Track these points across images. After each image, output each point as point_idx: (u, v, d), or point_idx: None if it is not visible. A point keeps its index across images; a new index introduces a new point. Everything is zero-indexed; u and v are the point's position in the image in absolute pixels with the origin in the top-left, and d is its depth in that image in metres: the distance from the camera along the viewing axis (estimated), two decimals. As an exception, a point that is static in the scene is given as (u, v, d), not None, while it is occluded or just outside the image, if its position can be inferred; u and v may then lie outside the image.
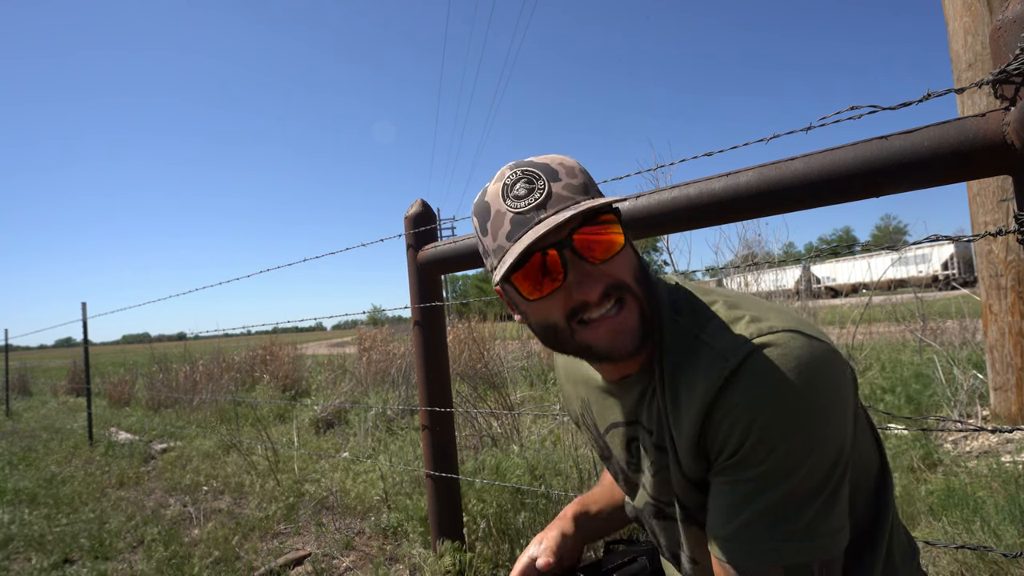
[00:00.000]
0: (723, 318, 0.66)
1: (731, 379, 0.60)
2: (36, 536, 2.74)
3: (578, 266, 0.63)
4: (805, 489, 0.58)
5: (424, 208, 2.01)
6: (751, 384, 0.59)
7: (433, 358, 1.98)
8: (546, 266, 0.63)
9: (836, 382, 0.60)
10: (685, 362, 0.66)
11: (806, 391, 0.57)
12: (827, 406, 0.59)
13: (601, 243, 0.63)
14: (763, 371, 0.58)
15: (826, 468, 0.59)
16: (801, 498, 0.58)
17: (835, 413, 0.59)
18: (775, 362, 0.58)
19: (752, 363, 0.59)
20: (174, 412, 6.43)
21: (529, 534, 2.01)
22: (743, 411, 0.59)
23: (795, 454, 0.57)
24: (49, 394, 10.53)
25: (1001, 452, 2.62)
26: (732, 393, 0.60)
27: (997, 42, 0.90)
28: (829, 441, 0.59)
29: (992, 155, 0.88)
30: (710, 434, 0.63)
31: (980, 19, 2.69)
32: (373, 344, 6.93)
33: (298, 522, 2.68)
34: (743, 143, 1.23)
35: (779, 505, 0.58)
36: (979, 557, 1.63)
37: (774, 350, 0.59)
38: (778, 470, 0.58)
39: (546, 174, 0.65)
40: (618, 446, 0.82)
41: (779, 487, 0.58)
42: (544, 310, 0.66)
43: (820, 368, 0.59)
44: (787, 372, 0.58)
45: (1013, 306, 2.73)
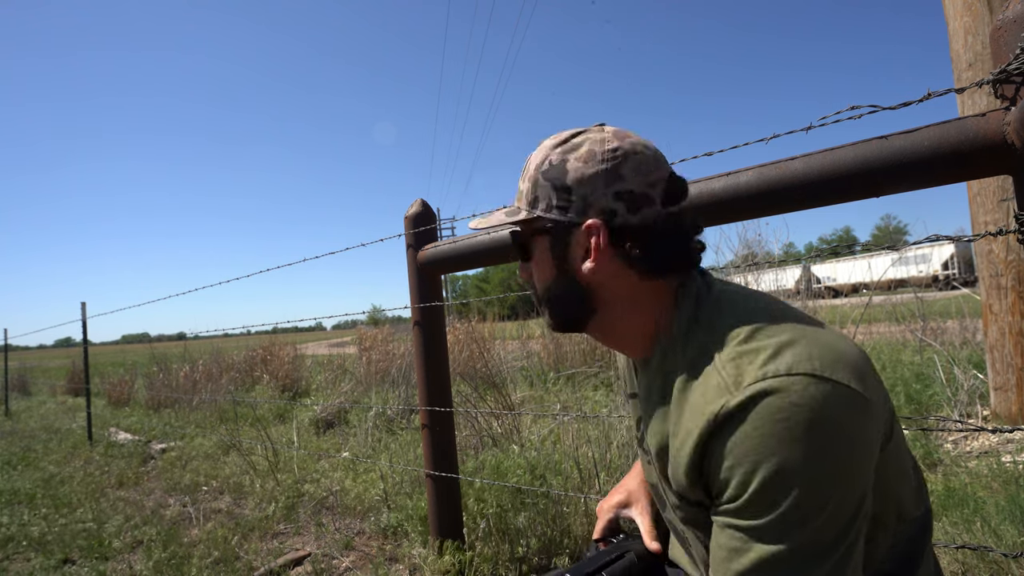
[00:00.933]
0: (740, 341, 0.60)
1: (731, 418, 0.56)
2: (35, 536, 2.74)
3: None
4: (813, 547, 0.53)
5: (424, 208, 2.01)
6: (751, 429, 0.54)
7: (433, 358, 1.98)
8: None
9: (853, 436, 0.54)
10: (692, 383, 0.63)
11: (815, 446, 0.52)
12: (839, 463, 0.53)
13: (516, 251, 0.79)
14: (765, 418, 0.54)
15: (838, 528, 0.54)
16: (808, 556, 0.53)
17: (849, 469, 0.54)
18: (786, 415, 0.53)
19: (756, 406, 0.54)
20: (174, 412, 6.43)
21: (529, 534, 2.01)
22: (742, 454, 0.55)
23: (804, 508, 0.53)
24: (48, 394, 10.52)
25: (1001, 452, 2.62)
26: (729, 433, 0.56)
27: (997, 42, 0.90)
28: (845, 499, 0.54)
29: (992, 155, 0.88)
30: (709, 465, 0.59)
31: (980, 19, 2.69)
32: (373, 344, 6.93)
33: (298, 522, 2.68)
34: (743, 143, 1.23)
35: (782, 561, 0.54)
36: (979, 557, 1.63)
37: (785, 396, 0.54)
38: (786, 521, 0.53)
39: (524, 169, 0.75)
40: (632, 418, 0.84)
41: (783, 540, 0.54)
42: None
43: (835, 421, 0.53)
44: (793, 423, 0.53)
45: (1013, 306, 2.73)
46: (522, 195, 0.73)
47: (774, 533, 0.54)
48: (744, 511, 0.55)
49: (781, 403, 0.53)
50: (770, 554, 0.54)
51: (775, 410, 0.53)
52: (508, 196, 35.56)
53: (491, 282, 43.90)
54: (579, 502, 2.16)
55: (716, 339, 0.62)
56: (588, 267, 0.69)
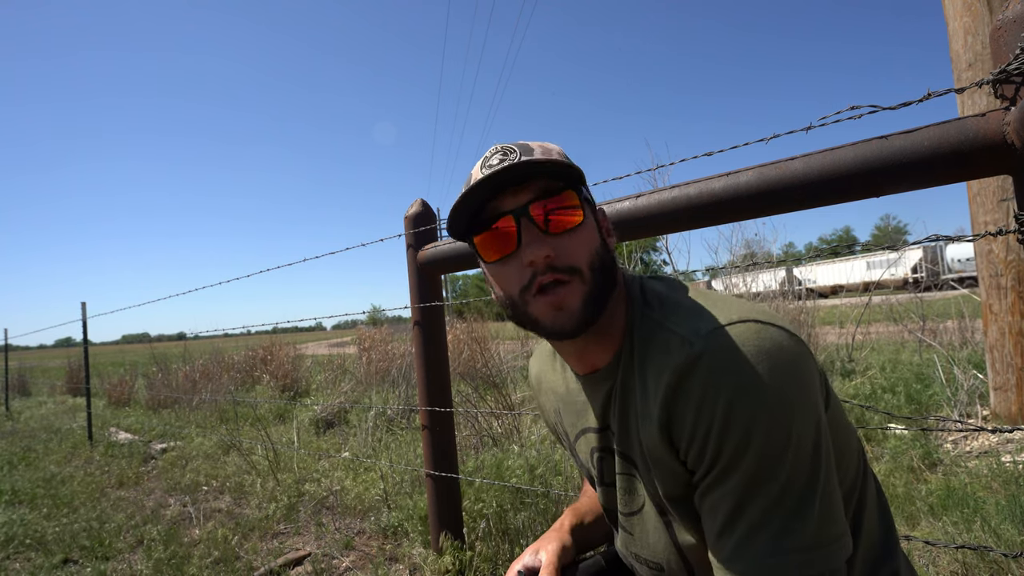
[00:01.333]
0: (693, 308, 0.66)
1: (695, 363, 0.59)
2: (36, 536, 2.74)
3: (531, 232, 0.65)
4: (798, 485, 0.56)
5: (424, 208, 2.01)
6: (715, 367, 0.58)
7: (433, 358, 1.98)
8: (504, 232, 0.67)
9: (801, 366, 0.60)
10: (651, 351, 0.66)
11: (773, 374, 0.57)
12: (796, 388, 0.58)
13: (558, 217, 0.66)
14: (727, 355, 0.58)
15: (809, 453, 0.57)
16: (797, 498, 0.56)
17: (804, 394, 0.59)
18: (739, 346, 0.58)
19: (715, 347, 0.59)
20: (174, 412, 6.43)
21: (529, 534, 2.01)
22: (709, 394, 0.58)
23: (773, 440, 0.56)
24: (48, 394, 10.52)
25: (1001, 452, 2.62)
26: (696, 377, 0.59)
27: (997, 42, 0.90)
28: (803, 421, 0.58)
29: (992, 155, 0.88)
30: (677, 422, 0.62)
31: (980, 19, 2.69)
32: (373, 344, 6.93)
33: (298, 522, 2.68)
34: (743, 143, 1.23)
35: (777, 511, 0.56)
36: (979, 557, 1.63)
37: (738, 335, 0.59)
38: (762, 464, 0.56)
39: (522, 150, 0.68)
40: (586, 454, 0.82)
41: (769, 486, 0.56)
42: (502, 278, 0.69)
43: (785, 353, 0.59)
44: (751, 356, 0.58)
45: (1013, 306, 2.73)
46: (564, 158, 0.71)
47: (760, 473, 0.57)
48: (723, 461, 0.58)
49: (737, 339, 0.59)
50: (765, 504, 0.57)
51: (733, 346, 0.59)
52: None
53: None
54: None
55: (664, 311, 0.68)
56: (611, 242, 0.73)
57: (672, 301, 0.69)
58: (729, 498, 0.58)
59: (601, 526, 0.97)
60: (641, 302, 0.71)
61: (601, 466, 0.79)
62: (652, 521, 0.74)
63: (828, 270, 25.85)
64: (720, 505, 0.59)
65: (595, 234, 0.69)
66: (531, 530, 2.02)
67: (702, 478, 0.62)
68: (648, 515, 0.74)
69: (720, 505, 0.59)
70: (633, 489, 0.75)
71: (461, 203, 0.67)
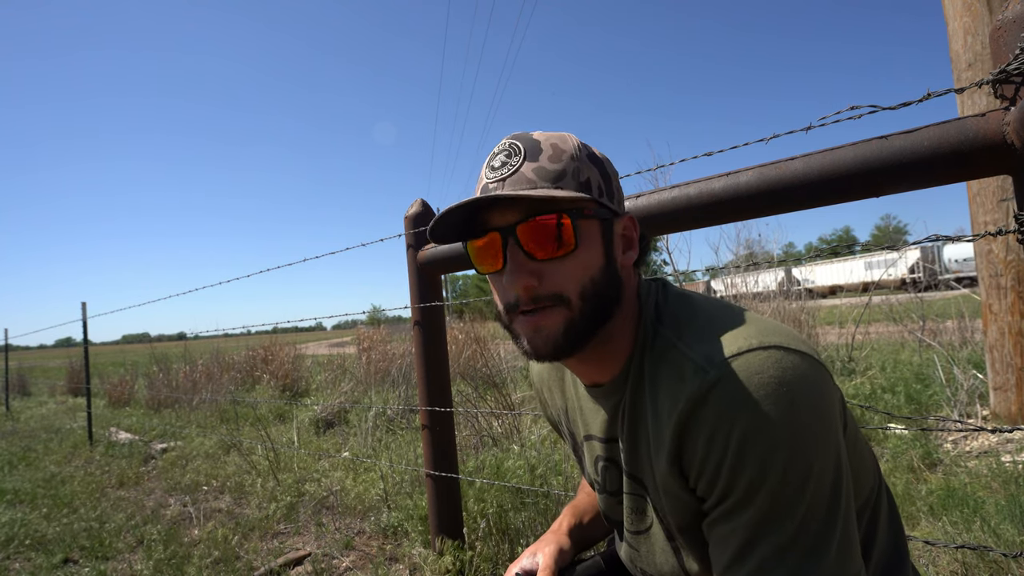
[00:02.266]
0: (708, 329, 0.62)
1: (710, 392, 0.56)
2: (36, 536, 2.74)
3: (516, 257, 0.62)
4: (814, 524, 0.54)
5: (424, 208, 2.01)
6: (729, 400, 0.55)
7: (433, 358, 1.98)
8: (492, 249, 0.64)
9: (822, 396, 0.57)
10: (663, 373, 0.63)
11: (791, 408, 0.54)
12: (816, 422, 0.55)
13: (546, 241, 0.61)
14: (742, 386, 0.55)
15: (827, 490, 0.55)
16: (813, 537, 0.54)
17: (825, 429, 0.56)
18: (756, 377, 0.55)
19: (730, 377, 0.56)
20: (174, 412, 6.43)
21: (529, 534, 2.01)
22: (723, 426, 0.55)
23: (790, 478, 0.53)
24: (48, 394, 10.52)
25: (1001, 452, 2.62)
26: (711, 407, 0.56)
27: (997, 42, 0.90)
28: (823, 457, 0.55)
29: (992, 155, 0.88)
30: (688, 451, 0.59)
31: (980, 19, 2.69)
32: (372, 344, 6.93)
33: (298, 522, 2.68)
34: (743, 143, 1.23)
35: (793, 549, 0.53)
36: (979, 557, 1.63)
37: (757, 364, 0.56)
38: (777, 501, 0.54)
39: (528, 150, 0.63)
40: (590, 459, 0.81)
41: (785, 524, 0.53)
42: (495, 289, 0.68)
43: (806, 384, 0.56)
44: (769, 388, 0.54)
45: (1013, 306, 2.73)
46: (561, 175, 0.62)
47: (773, 516, 0.54)
48: (738, 499, 0.56)
49: (755, 368, 0.56)
50: (777, 546, 0.54)
51: (751, 376, 0.55)
52: None
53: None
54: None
55: (679, 331, 0.64)
56: (627, 259, 0.68)
57: (687, 318, 0.65)
58: (741, 532, 0.56)
59: (599, 525, 0.96)
60: (654, 317, 0.68)
61: (605, 476, 0.78)
62: (660, 543, 0.72)
63: (826, 270, 25.99)
64: (731, 539, 0.57)
65: (594, 256, 0.64)
66: (531, 530, 2.02)
67: (712, 508, 0.59)
68: (656, 536, 0.72)
69: (731, 539, 0.57)
70: (641, 509, 0.72)
71: (446, 215, 0.62)
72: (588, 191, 0.63)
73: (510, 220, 0.62)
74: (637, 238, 0.69)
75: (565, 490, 2.21)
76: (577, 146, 0.65)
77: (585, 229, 0.63)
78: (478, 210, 0.65)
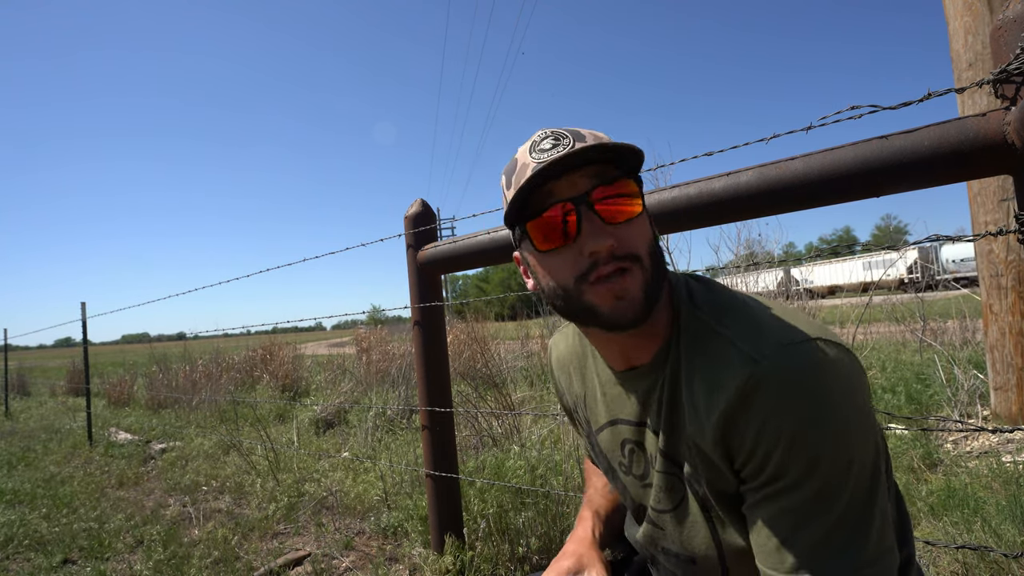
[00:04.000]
0: (749, 318, 0.64)
1: (762, 383, 0.58)
2: (35, 536, 2.74)
3: (592, 222, 0.63)
4: (858, 504, 0.57)
5: (424, 208, 2.01)
6: (782, 390, 0.57)
7: (433, 358, 1.98)
8: (562, 220, 0.64)
9: (863, 387, 0.60)
10: (706, 357, 0.64)
11: (839, 398, 0.57)
12: (860, 411, 0.58)
13: (619, 206, 0.64)
14: (794, 378, 0.57)
15: (869, 473, 0.58)
16: (858, 516, 0.57)
17: (867, 416, 0.59)
18: (807, 367, 0.57)
19: (782, 367, 0.58)
20: (173, 412, 6.43)
21: (529, 534, 2.01)
22: (775, 418, 0.57)
23: (838, 464, 0.56)
24: (48, 394, 10.52)
25: (1002, 452, 2.62)
26: (762, 398, 0.58)
27: (997, 41, 0.90)
28: (865, 443, 0.58)
29: (992, 155, 0.88)
30: (736, 438, 0.61)
31: (981, 18, 2.69)
32: (372, 344, 6.93)
33: (298, 522, 2.68)
34: (743, 143, 1.23)
35: (839, 529, 0.56)
36: (980, 557, 1.63)
37: (806, 357, 0.58)
38: (826, 486, 0.56)
39: (575, 136, 0.65)
40: (612, 444, 0.80)
41: (832, 505, 0.56)
42: (555, 268, 0.66)
43: (849, 375, 0.59)
44: (819, 377, 0.57)
45: (1014, 306, 2.73)
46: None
47: (821, 500, 0.57)
48: (785, 478, 0.58)
49: (805, 361, 0.58)
50: (830, 522, 0.56)
51: (802, 368, 0.58)
52: None
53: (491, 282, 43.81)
54: (579, 502, 2.16)
55: (718, 317, 0.66)
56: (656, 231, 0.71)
57: (725, 304, 0.67)
58: (790, 515, 0.58)
59: (616, 521, 0.96)
60: (688, 302, 0.69)
61: (631, 458, 0.78)
62: (693, 519, 0.72)
63: (826, 270, 26.02)
64: (777, 522, 0.59)
65: (648, 221, 0.68)
66: (531, 530, 2.02)
67: (757, 490, 0.61)
68: (688, 512, 0.72)
69: (777, 522, 0.59)
70: (673, 487, 0.73)
71: (527, 185, 0.63)
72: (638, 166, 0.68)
73: (581, 188, 0.63)
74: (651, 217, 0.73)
75: (565, 490, 2.21)
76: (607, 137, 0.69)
77: (643, 197, 0.68)
78: (535, 188, 0.66)
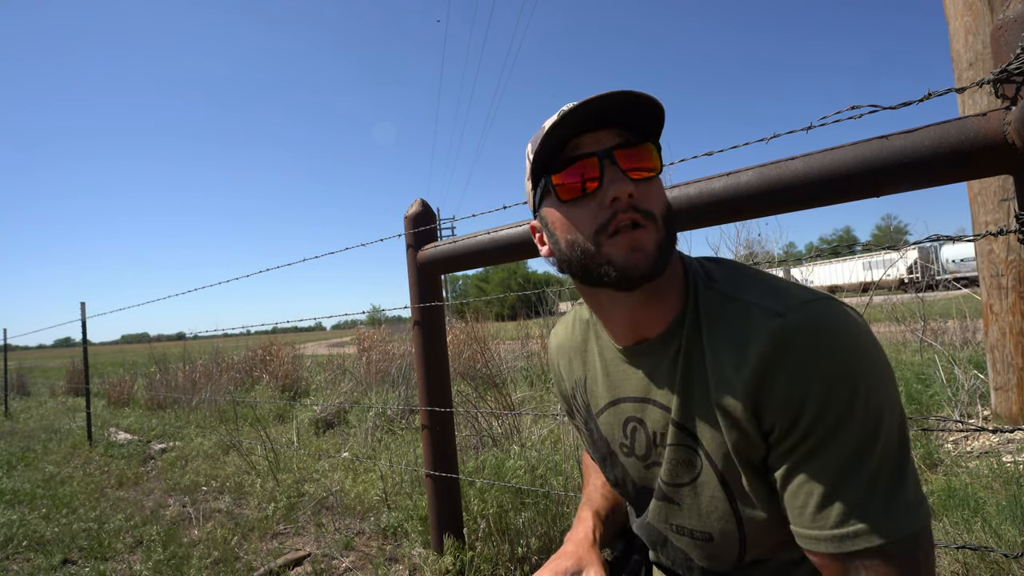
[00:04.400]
0: (765, 283, 0.66)
1: (794, 333, 0.59)
2: (35, 536, 2.74)
3: (615, 173, 0.66)
4: (894, 451, 0.58)
5: (424, 208, 2.01)
6: (815, 340, 0.58)
7: (433, 358, 1.98)
8: (586, 172, 0.66)
9: (877, 342, 0.62)
10: (724, 322, 0.65)
11: (866, 347, 0.59)
12: (884, 360, 0.60)
13: (640, 163, 0.67)
14: (824, 328, 0.59)
15: (898, 424, 0.59)
16: (896, 462, 0.58)
17: (889, 367, 0.61)
18: (833, 321, 0.59)
19: (812, 320, 0.59)
20: (173, 412, 6.43)
21: (529, 534, 2.01)
22: (809, 366, 0.58)
23: (873, 412, 0.57)
24: (48, 394, 10.52)
25: (1002, 452, 2.62)
26: (796, 347, 0.59)
27: (998, 41, 0.90)
28: (893, 392, 0.60)
29: (993, 155, 0.88)
30: (769, 392, 0.61)
31: (981, 18, 2.69)
32: (372, 344, 6.93)
33: (298, 522, 2.68)
34: (743, 143, 1.23)
35: (881, 476, 0.57)
36: (980, 557, 1.63)
37: (830, 310, 0.60)
38: (865, 434, 0.57)
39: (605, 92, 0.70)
40: (613, 425, 0.80)
41: (873, 455, 0.57)
42: (576, 219, 0.68)
43: (866, 329, 0.61)
44: (846, 330, 0.59)
45: (1014, 306, 2.73)
46: None
47: (860, 452, 0.57)
48: (824, 436, 0.58)
49: (831, 315, 0.60)
50: (867, 479, 0.57)
51: (831, 320, 0.59)
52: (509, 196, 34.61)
53: (491, 282, 43.82)
54: (579, 502, 2.15)
55: (735, 286, 0.67)
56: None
57: (742, 277, 0.69)
58: (830, 469, 0.58)
59: (613, 524, 0.94)
60: (702, 274, 0.71)
61: (633, 437, 0.78)
62: (710, 491, 0.71)
63: (826, 270, 26.05)
64: (819, 477, 0.59)
65: (660, 183, 0.70)
66: (531, 530, 2.02)
67: (792, 449, 0.60)
68: (705, 486, 0.71)
69: (819, 477, 0.59)
70: (687, 460, 0.72)
71: (553, 130, 0.65)
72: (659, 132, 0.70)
73: (604, 144, 0.66)
74: None
75: (565, 490, 2.21)
76: None
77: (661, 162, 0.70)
78: (562, 143, 0.68)
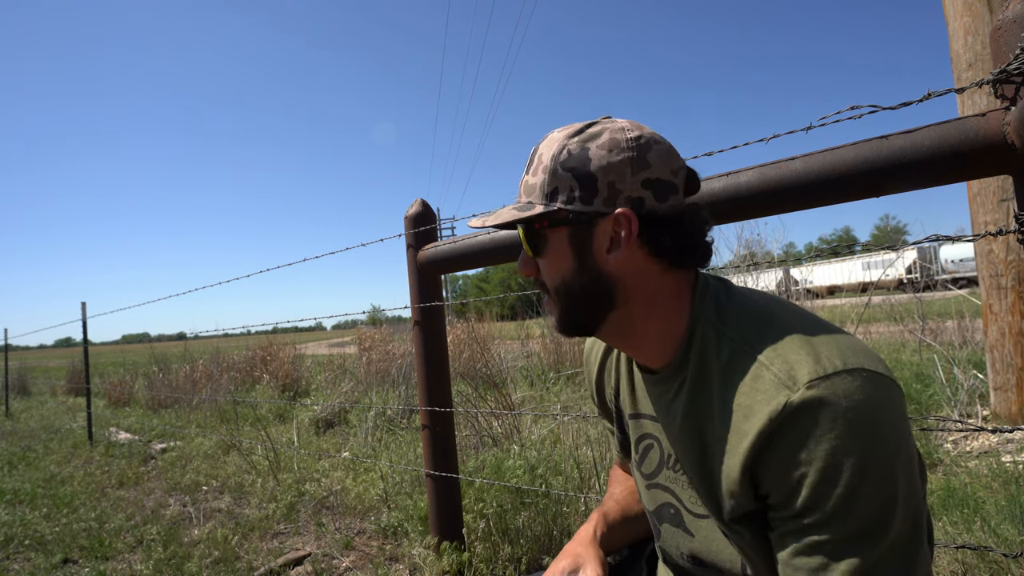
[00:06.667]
0: (779, 338, 0.60)
1: (796, 413, 0.55)
2: (36, 536, 2.74)
3: (524, 252, 0.75)
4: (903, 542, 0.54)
5: (424, 208, 2.01)
6: (819, 422, 0.54)
7: (433, 358, 1.98)
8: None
9: (903, 420, 0.57)
10: (734, 379, 0.62)
11: (879, 431, 0.54)
12: (900, 444, 0.55)
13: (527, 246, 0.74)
14: (832, 410, 0.54)
15: (912, 518, 0.55)
16: (904, 553, 0.54)
17: (907, 449, 0.56)
18: (845, 400, 0.54)
19: (820, 400, 0.54)
20: (174, 412, 6.43)
21: (529, 534, 2.01)
22: (809, 447, 0.54)
23: (877, 502, 0.54)
24: (48, 394, 10.52)
25: (1001, 452, 2.62)
26: (797, 428, 0.55)
27: (997, 42, 0.90)
28: (908, 478, 0.55)
29: (992, 155, 0.88)
30: (766, 465, 0.58)
31: (980, 19, 2.69)
32: (373, 344, 6.93)
33: (298, 522, 2.68)
34: (743, 143, 1.23)
35: (885, 566, 0.53)
36: (979, 557, 1.63)
37: (844, 388, 0.54)
38: (866, 525, 0.53)
39: (530, 161, 0.71)
40: (635, 436, 0.81)
41: (876, 546, 0.53)
42: None
43: (890, 407, 0.55)
44: (858, 412, 0.54)
45: (1013, 306, 2.73)
46: (535, 189, 0.68)
47: (859, 536, 0.54)
48: (819, 519, 0.55)
49: (846, 398, 0.54)
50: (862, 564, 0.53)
51: (841, 407, 0.54)
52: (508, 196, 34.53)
53: (491, 282, 43.83)
54: (579, 502, 2.16)
55: (750, 336, 0.62)
56: (615, 258, 0.66)
57: (760, 322, 0.64)
58: (822, 551, 0.55)
59: (623, 532, 0.93)
60: (715, 317, 0.66)
61: (646, 454, 0.78)
62: (717, 533, 0.70)
63: (825, 270, 26.06)
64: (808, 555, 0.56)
65: (563, 259, 0.68)
66: (531, 530, 2.02)
67: (788, 520, 0.58)
68: (712, 526, 0.70)
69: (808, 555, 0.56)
70: (695, 500, 0.71)
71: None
72: (552, 201, 0.67)
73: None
74: (629, 235, 0.65)
75: (565, 490, 2.21)
76: (556, 155, 0.66)
77: (551, 237, 0.69)
78: None
